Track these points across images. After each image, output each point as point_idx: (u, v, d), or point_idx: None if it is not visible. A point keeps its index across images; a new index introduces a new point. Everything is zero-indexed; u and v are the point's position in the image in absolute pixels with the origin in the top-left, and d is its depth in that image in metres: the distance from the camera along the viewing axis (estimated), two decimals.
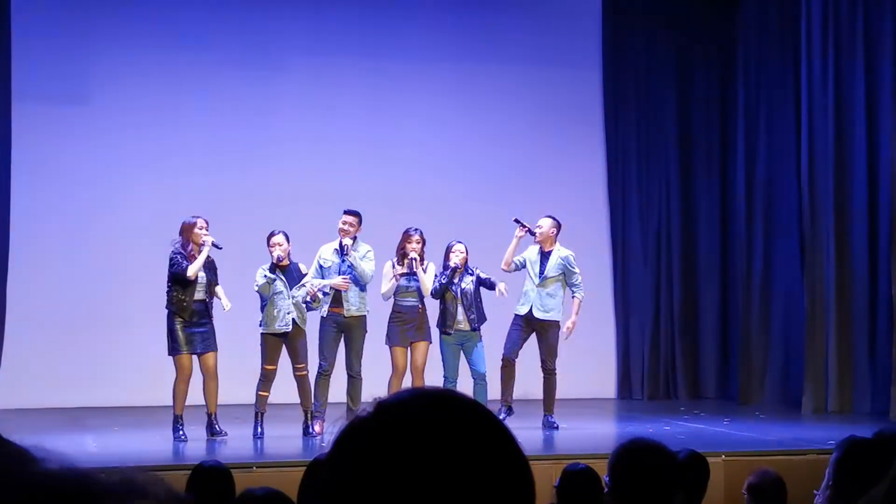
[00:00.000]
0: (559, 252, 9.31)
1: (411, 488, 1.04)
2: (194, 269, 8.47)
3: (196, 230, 8.58)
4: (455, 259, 8.98)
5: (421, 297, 9.06)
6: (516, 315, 9.25)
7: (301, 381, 8.78)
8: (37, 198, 11.13)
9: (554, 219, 9.37)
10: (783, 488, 4.44)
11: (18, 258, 10.95)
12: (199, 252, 8.53)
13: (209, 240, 8.55)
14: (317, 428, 8.76)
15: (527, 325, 9.22)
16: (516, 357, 9.17)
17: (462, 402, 1.11)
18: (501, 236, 9.52)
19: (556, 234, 9.32)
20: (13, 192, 10.96)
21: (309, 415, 8.75)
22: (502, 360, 9.16)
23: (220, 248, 8.62)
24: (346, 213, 9.05)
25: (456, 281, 8.99)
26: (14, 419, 9.45)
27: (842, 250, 10.50)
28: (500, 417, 8.62)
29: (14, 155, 10.98)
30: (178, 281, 8.47)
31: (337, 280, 8.88)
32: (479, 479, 1.05)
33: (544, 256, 9.28)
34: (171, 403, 8.54)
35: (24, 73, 11.08)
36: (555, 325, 9.22)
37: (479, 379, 8.99)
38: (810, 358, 10.56)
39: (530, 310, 9.18)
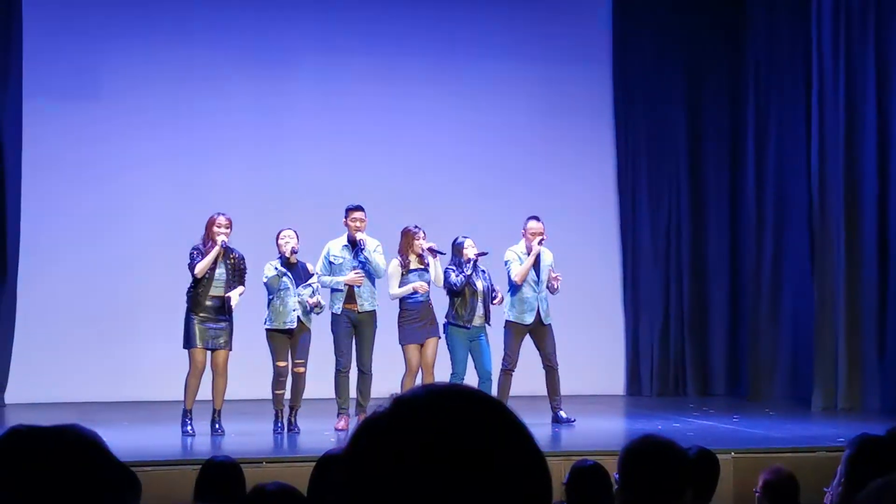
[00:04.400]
0: (546, 255, 9.28)
1: (429, 483, 1.04)
2: (200, 268, 8.48)
3: (214, 227, 8.58)
4: (472, 252, 8.98)
5: (428, 292, 9.04)
6: (518, 324, 9.15)
7: (297, 377, 8.77)
8: (48, 194, 11.14)
9: (540, 219, 9.31)
10: (797, 486, 4.43)
11: (29, 254, 10.97)
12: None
13: (220, 239, 8.53)
14: (341, 424, 8.77)
15: (525, 331, 9.19)
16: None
17: (479, 397, 1.12)
18: (510, 233, 9.50)
19: None
20: (24, 189, 10.98)
21: (295, 412, 8.75)
22: (506, 371, 9.10)
23: (224, 248, 8.54)
24: (356, 209, 9.03)
25: (476, 277, 8.99)
26: (25, 414, 9.48)
27: (851, 247, 10.48)
28: None
29: (25, 151, 10.99)
30: (194, 276, 8.50)
31: (351, 276, 8.89)
32: (496, 473, 1.06)
33: (534, 260, 9.22)
34: (181, 398, 8.57)
35: (35, 69, 11.09)
36: (551, 326, 9.23)
37: (485, 378, 8.96)
38: (820, 355, 10.54)
39: (538, 317, 9.15)
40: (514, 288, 9.16)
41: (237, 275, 8.63)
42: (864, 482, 2.92)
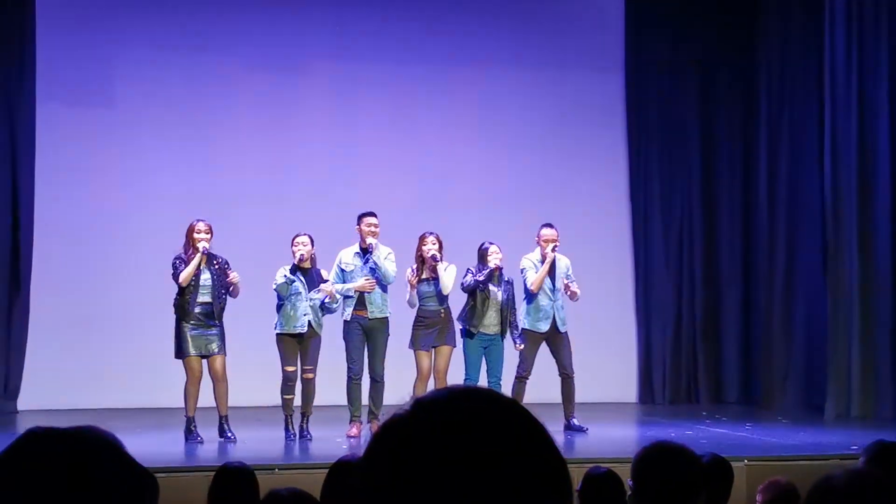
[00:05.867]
0: (562, 262, 9.27)
1: (449, 485, 1.04)
2: (185, 276, 8.47)
3: (193, 234, 8.57)
4: (494, 260, 8.96)
5: (442, 300, 9.02)
6: (533, 332, 9.16)
7: (307, 384, 8.78)
8: (60, 199, 11.17)
9: (554, 226, 9.30)
10: (797, 495, 4.38)
11: (42, 260, 11.00)
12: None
13: (200, 245, 8.52)
14: (353, 431, 8.76)
15: (541, 339, 9.19)
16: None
17: (499, 400, 1.11)
18: (523, 240, 9.50)
19: None
20: (37, 194, 11.01)
21: (306, 419, 8.75)
22: (520, 378, 9.12)
23: (206, 254, 8.49)
24: (369, 215, 9.02)
25: (495, 285, 8.96)
26: (38, 420, 9.48)
27: (865, 254, 10.44)
28: None
29: (38, 156, 11.03)
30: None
31: (361, 282, 8.88)
32: (516, 476, 1.05)
33: (549, 268, 9.21)
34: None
35: (48, 74, 11.13)
36: (567, 335, 9.23)
37: (494, 385, 8.94)
38: (833, 362, 10.50)
39: (553, 325, 9.14)
40: (530, 296, 9.16)
41: (223, 280, 8.63)
42: None
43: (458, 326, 9.08)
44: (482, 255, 9.04)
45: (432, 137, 11.99)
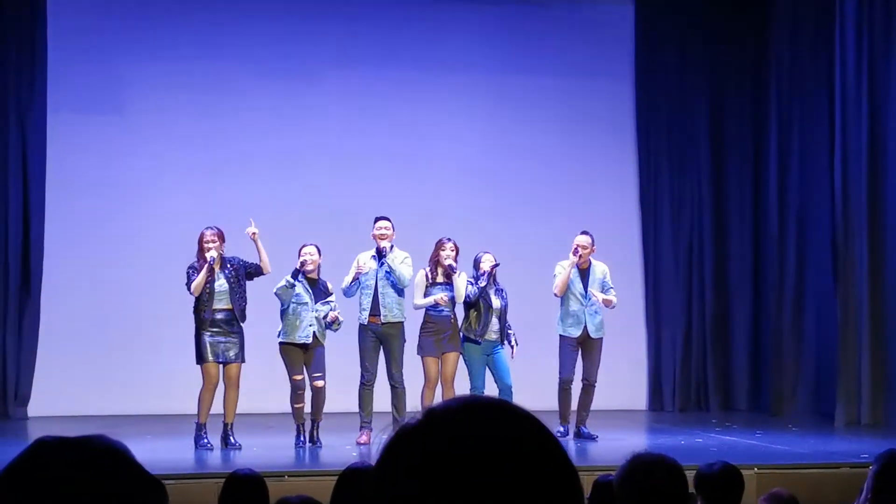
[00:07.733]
0: (598, 268, 9.29)
1: (461, 495, 1.04)
2: (195, 286, 8.49)
3: (203, 242, 8.59)
4: (486, 264, 9.00)
5: (453, 306, 9.04)
6: (567, 337, 9.20)
7: (317, 392, 8.77)
8: (71, 207, 11.20)
9: (591, 234, 9.35)
10: None
11: (52, 267, 11.03)
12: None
13: (209, 255, 8.53)
14: (363, 438, 8.75)
15: (577, 344, 9.22)
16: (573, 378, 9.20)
17: (511, 410, 1.11)
18: (532, 248, 9.50)
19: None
20: (48, 202, 11.05)
21: (316, 426, 8.75)
22: (562, 382, 9.17)
23: (211, 263, 8.48)
24: (381, 219, 9.06)
25: (492, 291, 8.99)
26: (48, 427, 9.51)
27: (875, 262, 10.42)
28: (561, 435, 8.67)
29: (49, 166, 11.07)
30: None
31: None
32: (529, 487, 1.05)
33: (583, 273, 9.25)
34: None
35: (58, 84, 11.16)
36: (601, 342, 9.23)
37: (506, 392, 8.95)
38: (843, 370, 10.48)
39: (584, 330, 9.17)
40: (561, 301, 9.20)
41: (240, 281, 8.63)
42: (891, 497, 2.90)
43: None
44: (476, 264, 9.10)
45: (443, 145, 11.99)
